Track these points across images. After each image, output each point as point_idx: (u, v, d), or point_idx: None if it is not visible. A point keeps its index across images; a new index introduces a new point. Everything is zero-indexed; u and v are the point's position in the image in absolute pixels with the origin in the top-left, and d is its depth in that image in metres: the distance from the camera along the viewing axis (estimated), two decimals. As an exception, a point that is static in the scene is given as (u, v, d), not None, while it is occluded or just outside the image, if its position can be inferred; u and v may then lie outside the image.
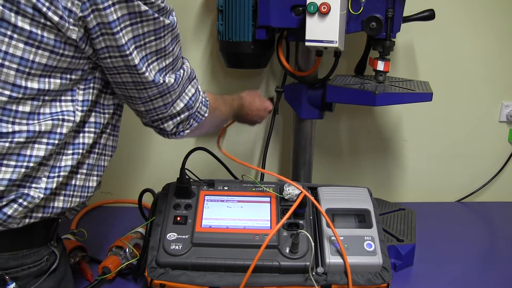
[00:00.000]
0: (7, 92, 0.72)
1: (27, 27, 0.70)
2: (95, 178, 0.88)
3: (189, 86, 0.90)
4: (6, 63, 0.70)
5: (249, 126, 1.27)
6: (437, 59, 1.45)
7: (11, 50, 0.70)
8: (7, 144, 0.73)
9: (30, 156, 0.75)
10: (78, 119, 0.79)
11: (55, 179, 0.79)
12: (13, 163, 0.74)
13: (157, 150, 1.51)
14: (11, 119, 0.73)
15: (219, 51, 1.25)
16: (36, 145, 0.76)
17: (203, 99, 0.94)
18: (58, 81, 0.76)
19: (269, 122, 1.37)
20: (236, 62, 1.26)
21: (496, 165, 1.56)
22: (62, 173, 0.80)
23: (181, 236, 1.01)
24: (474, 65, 1.46)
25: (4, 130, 0.73)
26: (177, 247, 0.99)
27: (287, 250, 0.98)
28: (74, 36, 0.73)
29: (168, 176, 1.20)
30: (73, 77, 0.78)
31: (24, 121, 0.74)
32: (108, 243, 1.13)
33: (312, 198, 1.01)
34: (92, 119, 0.84)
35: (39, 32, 0.71)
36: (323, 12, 1.02)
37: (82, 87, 0.80)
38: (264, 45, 1.22)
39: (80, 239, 1.19)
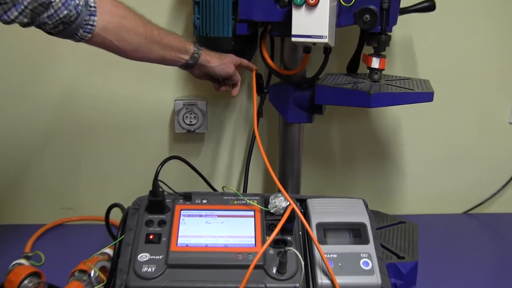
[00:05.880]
0: None
1: None
2: None
3: None
4: None
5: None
6: (438, 54, 1.46)
7: None
8: None
9: None
10: None
11: None
12: None
13: (127, 159, 1.50)
14: None
15: (196, 47, 1.25)
16: None
17: None
18: None
19: (252, 126, 1.38)
20: (215, 60, 1.26)
21: (506, 172, 1.57)
22: None
23: (154, 257, 0.99)
24: (481, 60, 1.47)
25: None
26: (149, 269, 0.97)
27: (274, 271, 0.97)
28: None
29: (139, 188, 1.19)
30: None
31: None
32: (69, 267, 1.09)
33: (299, 212, 1.01)
34: None
35: None
36: (311, 4, 1.02)
37: None
38: (246, 41, 1.22)
39: (36, 264, 1.17)
